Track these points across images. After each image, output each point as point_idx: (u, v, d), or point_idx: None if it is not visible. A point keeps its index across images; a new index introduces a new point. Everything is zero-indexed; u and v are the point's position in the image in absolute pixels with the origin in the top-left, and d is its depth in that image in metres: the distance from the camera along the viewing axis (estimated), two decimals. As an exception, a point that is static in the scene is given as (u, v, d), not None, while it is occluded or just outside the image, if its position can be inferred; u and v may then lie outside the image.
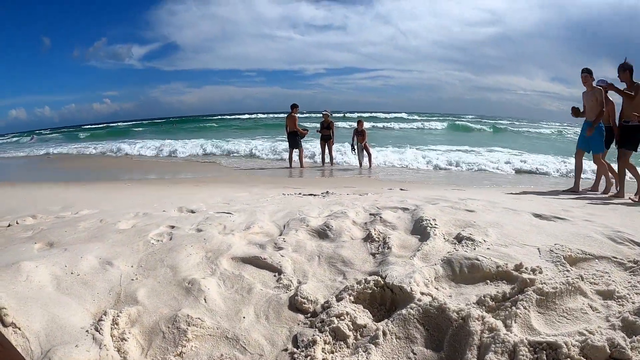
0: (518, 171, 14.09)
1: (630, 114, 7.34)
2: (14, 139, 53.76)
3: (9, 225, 5.00)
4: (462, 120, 51.27)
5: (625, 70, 7.51)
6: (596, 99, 7.86)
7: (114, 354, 2.13)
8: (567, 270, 2.52)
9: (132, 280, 2.89)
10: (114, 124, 72.62)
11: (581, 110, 8.36)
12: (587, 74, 8.10)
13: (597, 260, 2.74)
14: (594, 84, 7.94)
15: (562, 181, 11.53)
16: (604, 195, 7.72)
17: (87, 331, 2.23)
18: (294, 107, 14.93)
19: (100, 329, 2.25)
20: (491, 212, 4.11)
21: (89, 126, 67.75)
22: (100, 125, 68.01)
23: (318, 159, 16.34)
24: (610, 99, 8.16)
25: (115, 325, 2.31)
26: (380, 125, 40.82)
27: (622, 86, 7.66)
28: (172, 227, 4.12)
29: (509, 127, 43.03)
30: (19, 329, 2.17)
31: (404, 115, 62.06)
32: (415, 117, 57.79)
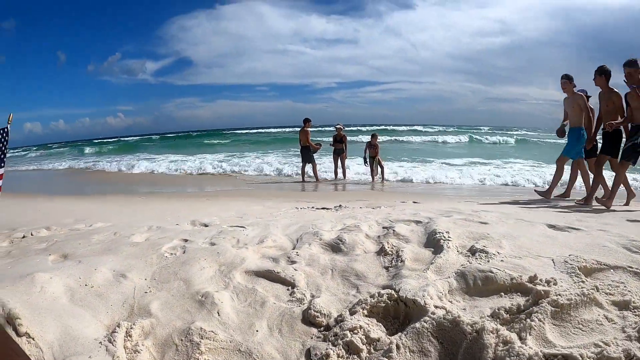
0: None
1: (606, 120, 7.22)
2: (23, 152, 53.80)
3: (24, 237, 5.05)
4: (479, 132, 50.60)
5: (601, 74, 7.37)
6: (579, 105, 7.83)
7: (127, 366, 2.14)
8: (582, 281, 2.49)
9: (146, 292, 2.90)
10: (126, 138, 73.08)
11: (564, 120, 8.35)
12: (566, 79, 8.06)
13: (612, 270, 2.70)
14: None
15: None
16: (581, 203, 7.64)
17: (100, 343, 2.25)
18: (307, 121, 14.93)
19: (114, 340, 2.26)
20: (505, 223, 4.08)
21: (101, 140, 68.12)
22: (112, 140, 68.44)
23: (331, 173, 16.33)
24: (591, 106, 8.05)
25: (129, 337, 2.32)
26: (398, 138, 40.25)
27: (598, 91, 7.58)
28: (186, 240, 4.13)
29: (528, 138, 42.51)
30: (33, 339, 2.19)
31: (419, 127, 61.68)
32: (429, 129, 57.30)
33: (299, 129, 15.22)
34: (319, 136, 22.97)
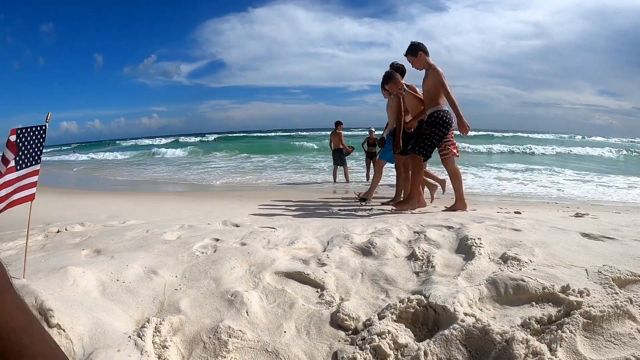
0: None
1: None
2: (49, 149, 52.20)
3: (58, 232, 5.20)
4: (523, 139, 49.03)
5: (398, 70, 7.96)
6: (391, 108, 8.36)
7: (155, 360, 2.17)
8: (616, 293, 2.43)
9: (176, 290, 2.94)
10: (187, 138, 73.04)
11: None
12: (383, 83, 8.29)
13: (647, 282, 2.64)
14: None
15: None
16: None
17: (129, 337, 2.29)
18: (338, 124, 15.03)
19: (143, 335, 2.30)
20: (538, 231, 4.02)
21: (133, 141, 68.22)
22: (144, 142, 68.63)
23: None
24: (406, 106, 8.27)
25: (157, 333, 2.36)
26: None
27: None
28: (217, 240, 4.18)
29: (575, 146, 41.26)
30: (64, 330, 2.24)
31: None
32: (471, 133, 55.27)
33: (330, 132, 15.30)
34: (351, 139, 22.95)
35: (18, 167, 3.07)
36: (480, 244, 3.45)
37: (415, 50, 7.10)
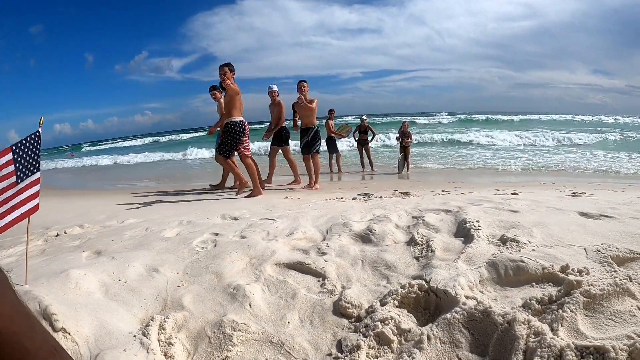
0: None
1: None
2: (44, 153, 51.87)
3: (57, 235, 5.19)
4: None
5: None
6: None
7: (161, 358, 2.19)
8: (615, 271, 2.44)
9: (178, 286, 2.96)
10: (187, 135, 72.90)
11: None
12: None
13: (646, 259, 2.66)
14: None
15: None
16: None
17: (134, 336, 2.30)
18: (331, 111, 15.00)
19: (148, 334, 2.32)
20: (535, 211, 4.03)
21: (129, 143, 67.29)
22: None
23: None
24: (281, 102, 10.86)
25: (162, 331, 2.37)
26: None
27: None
28: (216, 234, 4.18)
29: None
30: (69, 333, 2.26)
31: (446, 116, 60.11)
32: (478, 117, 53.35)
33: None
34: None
35: (19, 181, 3.07)
36: (479, 226, 3.47)
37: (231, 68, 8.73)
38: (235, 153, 9.14)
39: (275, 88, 10.95)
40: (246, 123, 8.90)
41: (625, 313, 2.07)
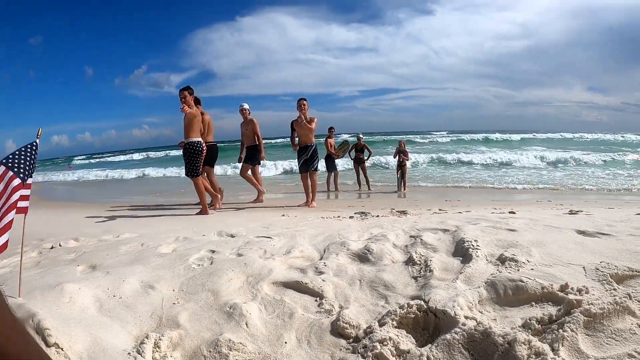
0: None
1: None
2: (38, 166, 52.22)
3: (52, 248, 5.16)
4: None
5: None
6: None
7: (157, 378, 2.16)
8: (614, 289, 2.43)
9: (174, 304, 2.93)
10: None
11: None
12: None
13: (645, 277, 2.65)
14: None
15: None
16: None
17: (129, 353, 2.28)
18: (330, 129, 15.04)
19: (142, 351, 2.29)
20: (533, 230, 4.03)
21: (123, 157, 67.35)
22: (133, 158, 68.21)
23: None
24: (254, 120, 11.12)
25: (157, 349, 2.35)
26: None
27: None
28: (213, 251, 4.16)
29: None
30: (62, 349, 2.23)
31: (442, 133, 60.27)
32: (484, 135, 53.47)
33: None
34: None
35: (25, 179, 3.06)
36: (477, 246, 3.46)
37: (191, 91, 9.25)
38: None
39: (246, 106, 11.26)
40: (204, 143, 9.42)
41: (626, 331, 2.05)
